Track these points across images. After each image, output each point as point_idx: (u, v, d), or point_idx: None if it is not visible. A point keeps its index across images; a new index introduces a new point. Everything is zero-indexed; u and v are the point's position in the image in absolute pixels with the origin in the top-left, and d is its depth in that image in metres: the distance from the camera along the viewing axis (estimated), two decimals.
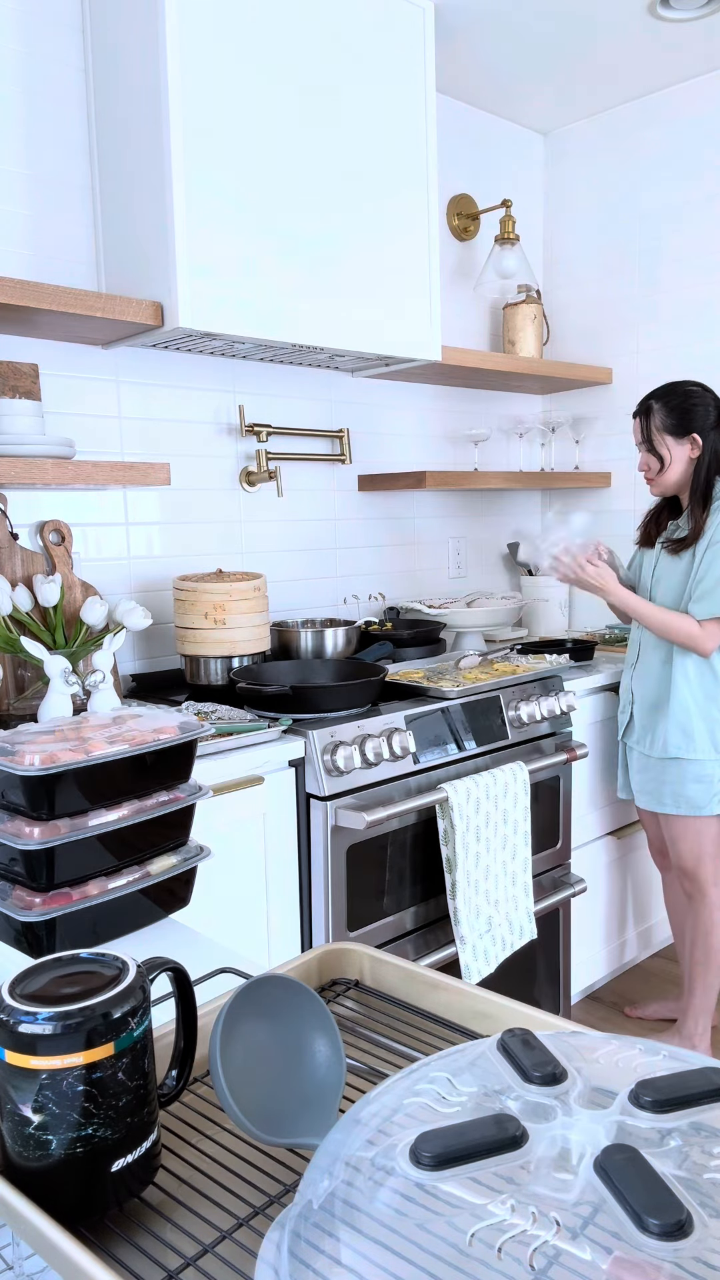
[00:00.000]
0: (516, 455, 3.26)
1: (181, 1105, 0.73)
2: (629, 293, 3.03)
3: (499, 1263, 0.42)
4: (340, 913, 1.88)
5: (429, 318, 2.37)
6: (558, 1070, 0.54)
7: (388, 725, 1.93)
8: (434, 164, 2.33)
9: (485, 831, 2.02)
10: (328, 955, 0.87)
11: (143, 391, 2.25)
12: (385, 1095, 0.55)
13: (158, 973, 0.67)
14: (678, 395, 2.23)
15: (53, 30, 2.02)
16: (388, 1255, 0.44)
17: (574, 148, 3.14)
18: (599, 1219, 0.44)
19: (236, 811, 1.75)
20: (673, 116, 2.87)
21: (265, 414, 2.50)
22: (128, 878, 1.02)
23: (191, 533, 2.37)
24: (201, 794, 1.10)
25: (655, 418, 2.24)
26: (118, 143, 2.01)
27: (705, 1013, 2.34)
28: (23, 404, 1.84)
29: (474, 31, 2.52)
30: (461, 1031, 0.79)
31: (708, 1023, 2.35)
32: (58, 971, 0.64)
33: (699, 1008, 2.34)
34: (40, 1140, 0.59)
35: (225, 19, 1.91)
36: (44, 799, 0.95)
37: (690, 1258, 0.42)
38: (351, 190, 2.17)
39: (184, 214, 1.88)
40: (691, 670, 2.22)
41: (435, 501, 2.99)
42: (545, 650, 2.63)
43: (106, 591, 2.22)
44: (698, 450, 2.21)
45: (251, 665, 2.13)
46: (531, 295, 3.02)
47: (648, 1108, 0.51)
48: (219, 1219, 0.62)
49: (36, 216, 2.03)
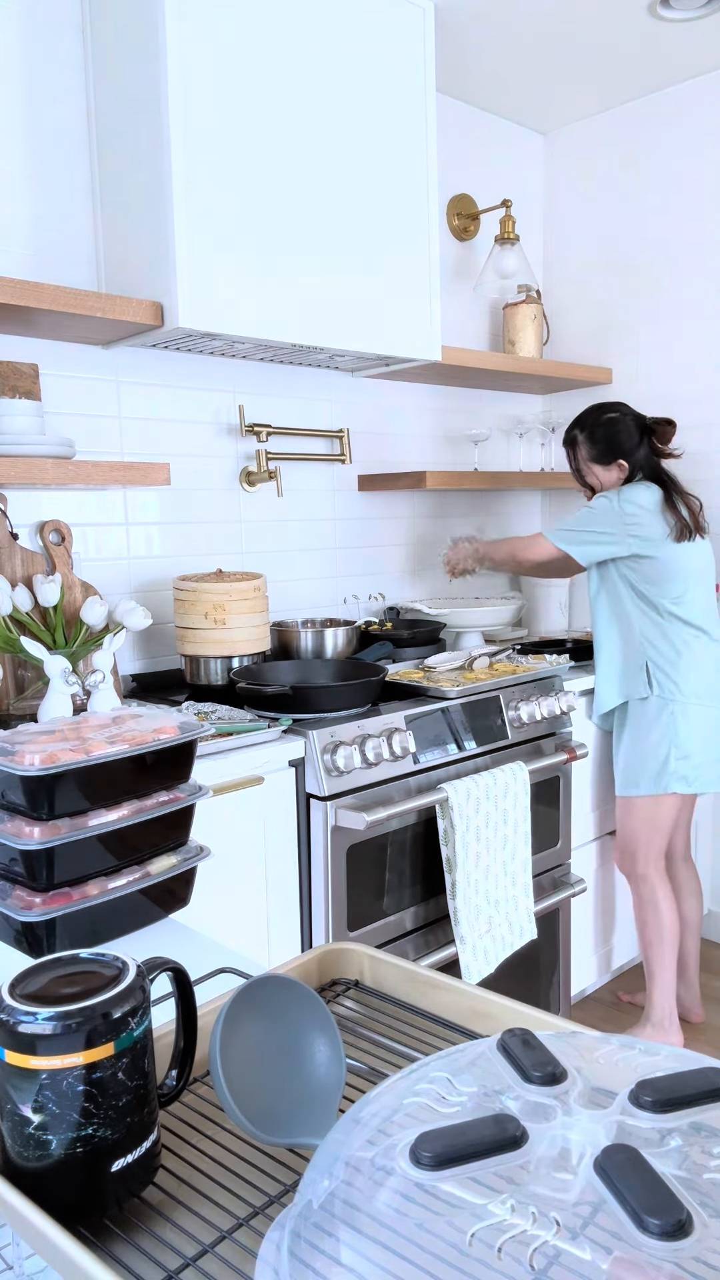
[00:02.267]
0: (516, 455, 3.26)
1: (181, 1105, 0.73)
2: (629, 293, 3.03)
3: (499, 1263, 0.42)
4: (340, 913, 1.88)
5: (429, 318, 2.37)
6: (558, 1070, 0.54)
7: (388, 725, 1.93)
8: (434, 164, 2.33)
9: (485, 831, 2.02)
10: (328, 955, 0.87)
11: (143, 391, 2.25)
12: (385, 1095, 0.55)
13: (158, 973, 0.67)
14: (600, 424, 2.32)
15: (53, 30, 2.02)
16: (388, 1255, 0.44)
17: (574, 148, 3.14)
18: (599, 1219, 0.44)
19: (236, 811, 1.75)
20: (673, 116, 2.87)
21: (265, 414, 2.50)
22: (128, 878, 1.02)
23: (191, 533, 2.37)
24: (201, 794, 1.10)
25: (581, 449, 2.36)
26: (118, 143, 2.00)
27: (669, 994, 2.37)
28: (23, 404, 1.84)
29: (474, 31, 2.52)
30: (461, 1031, 0.79)
31: (673, 1004, 2.38)
32: (58, 971, 0.63)
33: (662, 990, 2.36)
34: (40, 1140, 0.59)
35: (225, 18, 1.91)
36: (44, 799, 0.95)
37: (690, 1258, 0.42)
38: (351, 190, 2.17)
39: (184, 214, 1.88)
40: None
41: (435, 501, 2.99)
42: (545, 650, 2.63)
43: (106, 591, 2.22)
44: (625, 472, 2.31)
45: (251, 665, 2.13)
46: (531, 295, 3.02)
47: (648, 1108, 0.51)
48: (219, 1219, 0.62)
49: (36, 216, 2.03)
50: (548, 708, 2.24)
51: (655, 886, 2.34)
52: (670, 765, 2.27)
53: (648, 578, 2.25)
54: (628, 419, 2.30)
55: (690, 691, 2.26)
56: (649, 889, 2.35)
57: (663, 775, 2.28)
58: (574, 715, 2.42)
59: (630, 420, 2.30)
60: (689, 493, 2.28)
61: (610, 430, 2.30)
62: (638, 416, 2.32)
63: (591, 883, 2.59)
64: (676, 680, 2.26)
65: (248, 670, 2.10)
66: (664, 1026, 2.36)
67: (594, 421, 2.32)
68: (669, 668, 2.26)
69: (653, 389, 3.00)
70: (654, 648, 2.27)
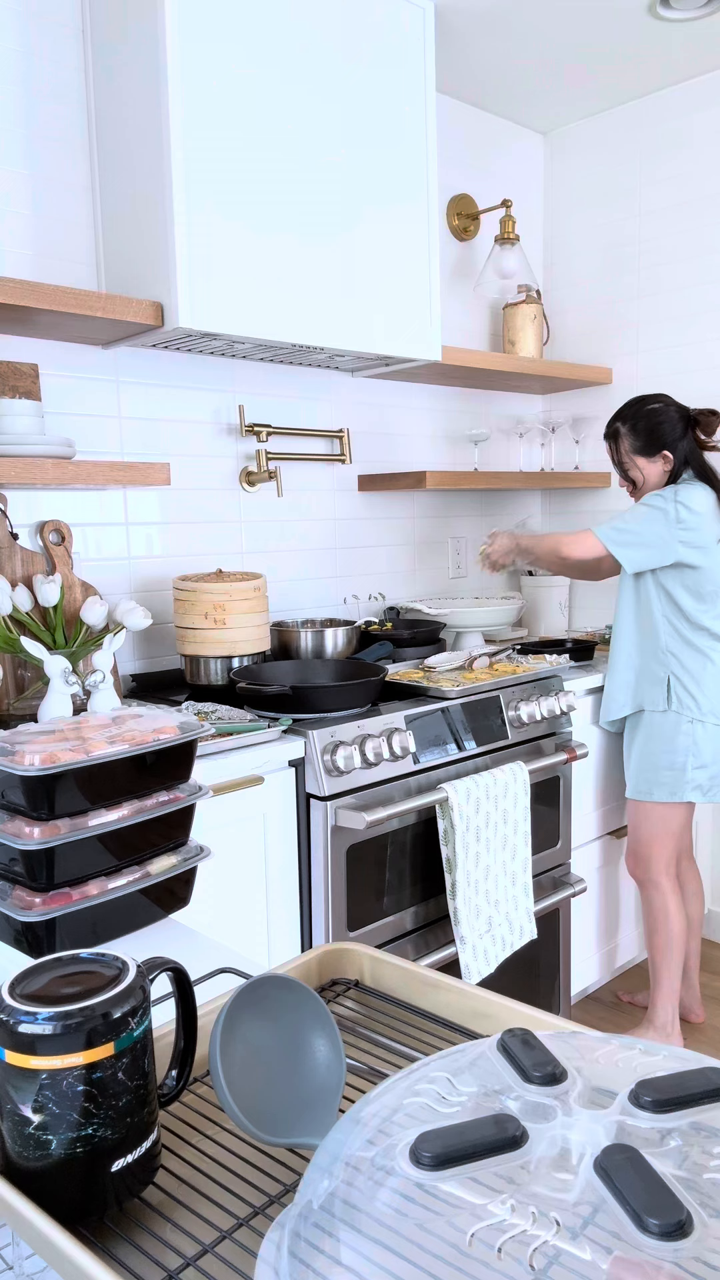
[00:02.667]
0: (516, 455, 3.26)
1: (181, 1105, 0.73)
2: (629, 293, 3.03)
3: (499, 1263, 0.42)
4: (340, 913, 1.88)
5: (429, 318, 2.37)
6: (558, 1070, 0.54)
7: (388, 725, 1.93)
8: (434, 164, 2.33)
9: (485, 831, 2.02)
10: (328, 955, 0.87)
11: (143, 391, 2.25)
12: (385, 1095, 0.55)
13: (158, 973, 0.67)
14: (642, 416, 2.26)
15: (53, 30, 2.02)
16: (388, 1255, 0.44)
17: (574, 148, 3.14)
18: (599, 1219, 0.44)
19: (236, 811, 1.75)
20: (673, 116, 2.87)
21: (265, 414, 2.50)
22: (128, 878, 1.02)
23: (191, 533, 2.37)
24: (201, 794, 1.10)
25: (624, 441, 2.29)
26: (118, 143, 2.00)
27: (672, 999, 2.37)
28: (23, 404, 1.84)
29: (474, 31, 2.52)
30: (461, 1031, 0.79)
31: (676, 1009, 2.38)
32: (58, 971, 0.63)
33: (666, 994, 2.36)
34: (40, 1140, 0.59)
35: (225, 18, 1.91)
36: (44, 799, 0.95)
37: (690, 1258, 0.42)
38: (352, 190, 2.17)
39: (184, 214, 1.88)
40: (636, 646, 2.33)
41: (435, 501, 2.99)
42: (545, 650, 2.63)
43: (106, 591, 2.22)
44: (670, 464, 2.25)
45: (251, 665, 2.13)
46: (531, 295, 3.02)
47: (648, 1108, 0.51)
48: (219, 1219, 0.62)
49: (37, 216, 2.03)
50: (548, 708, 2.24)
51: (667, 894, 2.34)
52: (688, 775, 2.26)
53: (687, 587, 2.20)
54: (670, 409, 2.24)
55: (709, 709, 2.24)
56: (660, 897, 2.34)
57: (679, 785, 2.27)
58: (574, 715, 2.42)
59: (674, 411, 2.24)
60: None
61: (654, 421, 2.23)
62: (681, 407, 2.26)
63: (592, 883, 2.59)
64: (698, 697, 2.23)
65: (248, 670, 2.10)
66: (666, 1031, 2.36)
67: (636, 413, 2.26)
68: (692, 685, 2.23)
69: (652, 389, 3.00)
70: (678, 662, 2.24)
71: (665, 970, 2.35)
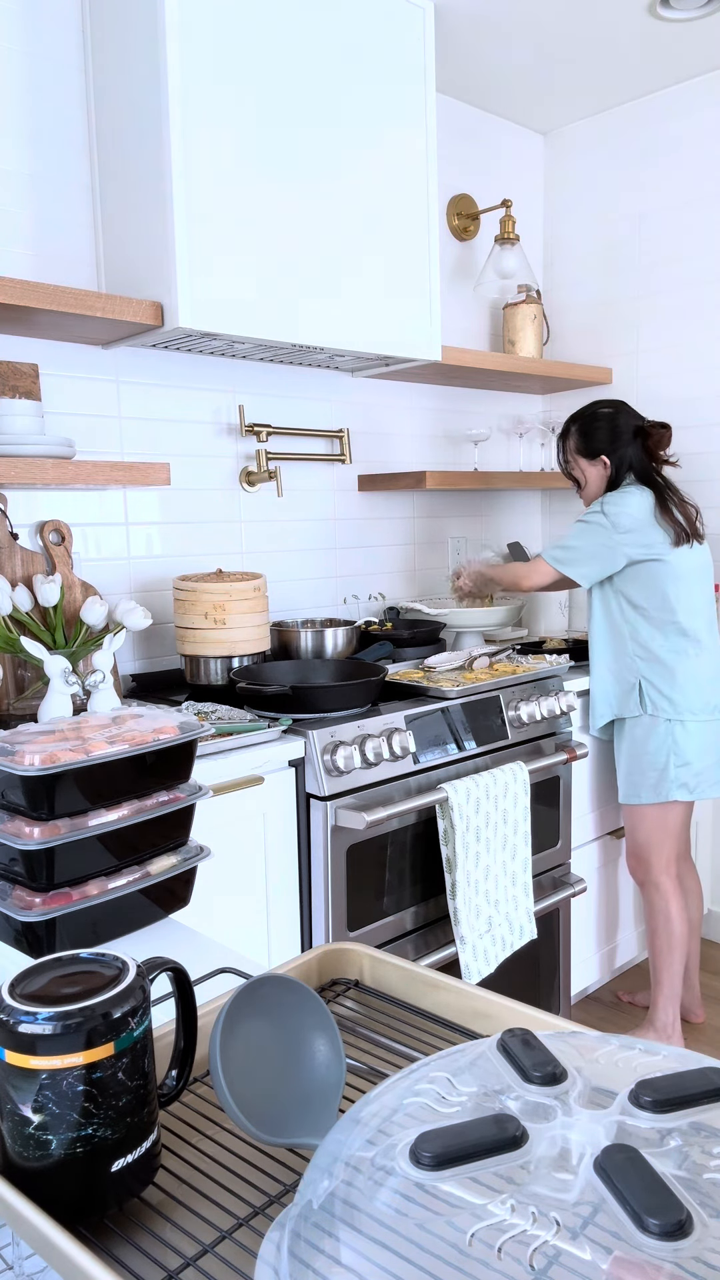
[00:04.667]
0: (516, 455, 3.26)
1: (181, 1105, 0.73)
2: (629, 293, 3.03)
3: (499, 1263, 0.42)
4: (340, 913, 1.88)
5: (429, 318, 2.37)
6: (558, 1070, 0.54)
7: (388, 725, 1.93)
8: (434, 164, 2.33)
9: (485, 831, 2.02)
10: (328, 955, 0.87)
11: (143, 391, 2.25)
12: (385, 1095, 0.55)
13: (158, 973, 0.67)
14: (587, 419, 2.34)
15: (53, 30, 2.02)
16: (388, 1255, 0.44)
17: (574, 148, 3.14)
18: (599, 1219, 0.44)
19: (236, 811, 1.75)
20: (672, 116, 2.87)
21: (265, 414, 2.50)
22: (128, 878, 1.02)
23: (191, 533, 2.37)
24: (201, 794, 1.10)
25: (570, 441, 2.38)
26: (118, 143, 2.00)
27: (673, 1001, 2.37)
28: (23, 404, 1.84)
29: (474, 31, 2.52)
30: (461, 1031, 0.79)
31: (677, 1010, 2.38)
32: (58, 971, 0.63)
33: (667, 996, 2.36)
34: (40, 1140, 0.59)
35: (225, 18, 1.91)
36: (44, 799, 0.95)
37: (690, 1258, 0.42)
38: (352, 189, 2.17)
39: (184, 214, 1.88)
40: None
41: (435, 501, 2.99)
42: (545, 650, 2.63)
43: (106, 591, 2.22)
44: (608, 470, 2.31)
45: (251, 665, 2.13)
46: (531, 295, 3.02)
47: (648, 1108, 0.51)
48: (219, 1219, 0.62)
49: (37, 216, 2.03)
50: (547, 708, 2.24)
51: (669, 896, 2.34)
52: (670, 773, 2.27)
53: (644, 586, 2.24)
54: (621, 416, 2.30)
55: (686, 707, 2.25)
56: (662, 898, 2.35)
57: (663, 783, 2.28)
58: (574, 715, 2.42)
59: (624, 419, 2.30)
60: (686, 499, 2.28)
61: (600, 425, 2.31)
62: (634, 416, 2.31)
63: (591, 883, 2.59)
64: (671, 697, 2.25)
65: (248, 670, 2.10)
66: (667, 1033, 2.36)
67: (587, 415, 2.34)
68: (663, 685, 2.25)
69: (653, 389, 3.00)
70: (647, 665, 2.26)
71: (666, 971, 2.35)
